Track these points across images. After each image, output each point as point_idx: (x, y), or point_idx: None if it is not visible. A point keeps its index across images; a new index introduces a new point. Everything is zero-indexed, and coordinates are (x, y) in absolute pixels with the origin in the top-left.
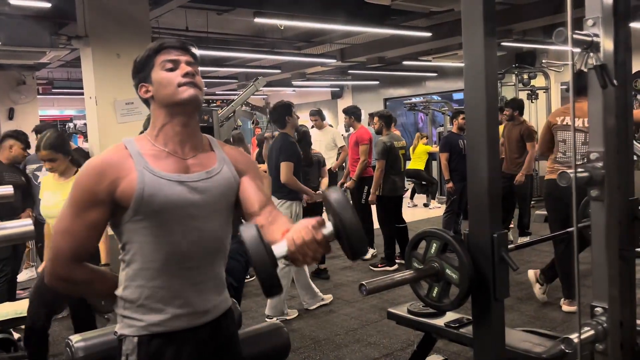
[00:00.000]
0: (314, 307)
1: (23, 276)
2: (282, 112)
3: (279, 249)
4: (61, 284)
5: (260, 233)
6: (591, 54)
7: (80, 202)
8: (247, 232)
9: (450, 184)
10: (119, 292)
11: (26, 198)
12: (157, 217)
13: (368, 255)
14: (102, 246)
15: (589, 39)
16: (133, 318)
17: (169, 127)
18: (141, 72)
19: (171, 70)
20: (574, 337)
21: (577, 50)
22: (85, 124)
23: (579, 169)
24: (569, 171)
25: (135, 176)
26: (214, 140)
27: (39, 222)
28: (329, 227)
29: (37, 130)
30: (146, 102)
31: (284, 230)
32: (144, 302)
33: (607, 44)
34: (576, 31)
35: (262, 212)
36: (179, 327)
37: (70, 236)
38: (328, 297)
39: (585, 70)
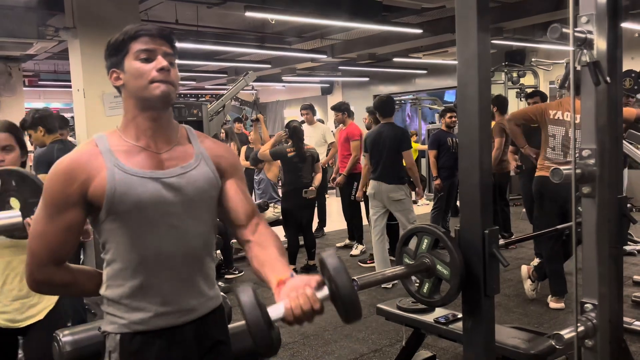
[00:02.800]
0: None
1: None
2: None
3: (276, 312)
4: (42, 287)
5: (256, 296)
6: (585, 51)
7: (52, 205)
8: (244, 295)
9: (438, 181)
10: (102, 290)
11: None
12: (132, 217)
13: (357, 252)
14: None
15: (583, 36)
16: (115, 315)
17: (140, 119)
18: (114, 57)
19: (146, 60)
20: (564, 333)
21: (569, 48)
22: (72, 117)
23: (571, 166)
24: (562, 168)
25: (105, 175)
26: (192, 132)
27: None
28: (324, 291)
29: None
30: (117, 88)
31: (278, 279)
32: (125, 300)
33: (600, 42)
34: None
35: (248, 224)
36: (162, 325)
37: (44, 240)
38: None
39: (579, 67)
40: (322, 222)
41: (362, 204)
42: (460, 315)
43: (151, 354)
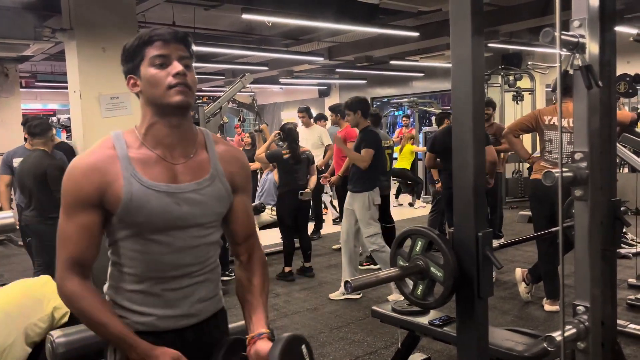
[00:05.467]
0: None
1: None
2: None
3: None
4: (63, 298)
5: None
6: (577, 55)
7: (69, 205)
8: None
9: (439, 185)
10: (105, 289)
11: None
12: (143, 228)
13: None
14: None
15: (575, 40)
16: (119, 316)
17: (158, 126)
18: (130, 62)
19: (161, 66)
20: (556, 335)
21: (565, 52)
22: (69, 119)
23: (564, 169)
24: (553, 171)
25: (122, 184)
26: (210, 137)
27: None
28: None
29: (26, 121)
30: (135, 94)
31: (250, 336)
32: (127, 303)
33: (592, 46)
34: (563, 32)
35: (244, 243)
36: (164, 327)
37: (64, 241)
38: None
39: (571, 71)
40: (319, 224)
41: None
42: (455, 318)
43: None
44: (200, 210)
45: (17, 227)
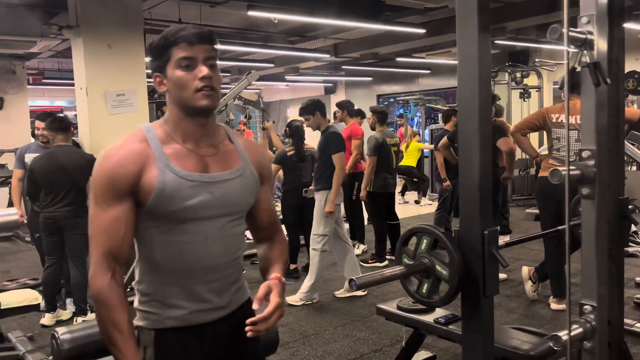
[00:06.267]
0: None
1: None
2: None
3: None
4: (91, 291)
5: None
6: (585, 52)
7: (103, 197)
8: None
9: (447, 183)
10: (135, 284)
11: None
12: (175, 218)
13: (359, 251)
14: None
15: (583, 36)
16: (149, 312)
17: (186, 123)
18: (156, 61)
19: (187, 67)
20: (562, 334)
21: (572, 49)
22: (75, 115)
23: (571, 167)
24: (560, 169)
25: (155, 174)
26: (231, 132)
27: (35, 212)
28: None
29: (38, 117)
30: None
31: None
32: (159, 297)
33: (601, 42)
34: (571, 28)
35: (266, 233)
36: (196, 321)
37: (98, 234)
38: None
39: (579, 68)
40: None
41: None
42: (460, 316)
43: (187, 348)
44: (231, 200)
45: (25, 222)
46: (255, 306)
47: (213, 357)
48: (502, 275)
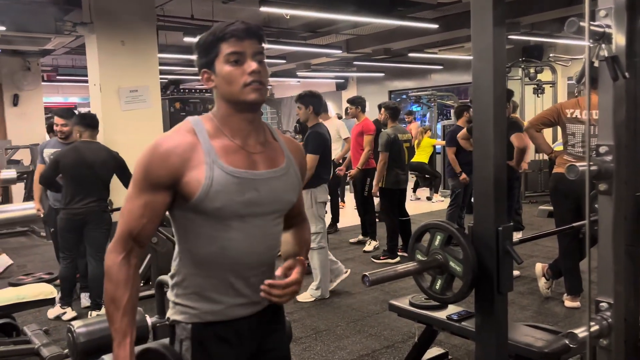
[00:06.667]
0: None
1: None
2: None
3: None
4: (108, 268)
5: None
6: (603, 46)
7: (140, 182)
8: None
9: (464, 176)
10: (172, 278)
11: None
12: (220, 213)
13: (370, 247)
14: None
15: (601, 30)
16: (186, 305)
17: (234, 119)
18: (204, 57)
19: (236, 62)
20: (579, 332)
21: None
22: (89, 112)
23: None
24: (577, 164)
25: (203, 169)
26: (274, 130)
27: (52, 208)
28: None
29: (56, 113)
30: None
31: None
32: (197, 290)
33: (619, 36)
34: (589, 22)
35: (292, 220)
36: (233, 316)
37: (127, 214)
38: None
39: (596, 62)
40: (336, 217)
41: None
42: (473, 312)
43: (223, 342)
44: (277, 198)
45: (42, 216)
46: (277, 273)
47: (246, 352)
48: (515, 272)
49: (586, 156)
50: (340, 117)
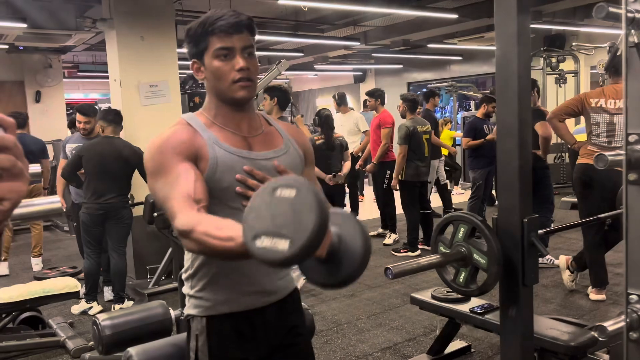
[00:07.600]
0: None
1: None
2: None
3: None
4: (180, 237)
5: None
6: (632, 31)
7: (160, 164)
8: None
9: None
10: (185, 271)
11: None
12: (226, 194)
13: (390, 240)
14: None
15: (632, 15)
16: (200, 298)
17: (225, 110)
18: (193, 48)
19: (225, 57)
20: (608, 324)
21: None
22: (109, 107)
23: (617, 152)
24: (606, 153)
25: (207, 151)
26: (269, 117)
27: (74, 203)
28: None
29: (79, 110)
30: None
31: None
32: (211, 279)
33: None
34: (617, 6)
35: None
36: (247, 306)
37: (171, 187)
38: None
39: (622, 49)
40: (355, 211)
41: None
42: (496, 305)
43: (238, 335)
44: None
45: (64, 210)
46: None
47: (264, 344)
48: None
49: (623, 144)
50: (352, 109)
